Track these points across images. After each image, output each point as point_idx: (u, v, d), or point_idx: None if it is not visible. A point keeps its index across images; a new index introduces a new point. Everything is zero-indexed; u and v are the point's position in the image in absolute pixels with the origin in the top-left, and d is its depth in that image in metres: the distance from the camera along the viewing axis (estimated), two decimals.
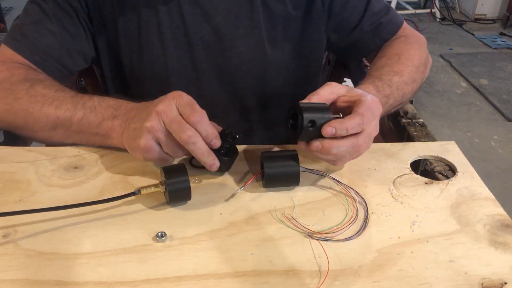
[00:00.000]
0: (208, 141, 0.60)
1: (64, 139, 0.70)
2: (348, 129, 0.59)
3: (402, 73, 0.77)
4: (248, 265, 0.53)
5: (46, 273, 0.51)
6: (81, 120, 0.67)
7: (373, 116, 0.62)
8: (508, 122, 2.54)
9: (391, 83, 0.75)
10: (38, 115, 0.68)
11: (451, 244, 0.57)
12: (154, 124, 0.59)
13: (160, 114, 0.59)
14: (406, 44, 0.85)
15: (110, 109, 0.67)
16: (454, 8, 4.28)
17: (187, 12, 0.78)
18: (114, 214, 0.60)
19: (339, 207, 0.62)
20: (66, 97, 0.69)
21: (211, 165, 0.61)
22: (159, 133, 0.60)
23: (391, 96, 0.74)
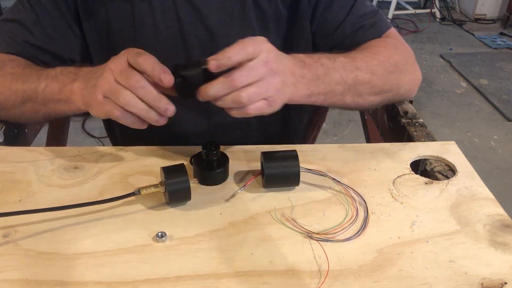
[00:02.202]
0: (156, 76, 0.57)
1: (35, 113, 0.72)
2: (231, 56, 0.58)
3: (354, 58, 0.74)
4: (248, 265, 0.53)
5: (46, 273, 0.51)
6: (44, 90, 0.68)
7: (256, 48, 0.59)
8: (508, 122, 2.53)
9: (334, 59, 0.71)
10: (7, 92, 0.70)
11: (451, 244, 0.57)
12: (105, 77, 0.59)
13: (111, 69, 0.59)
14: (381, 43, 0.81)
15: (70, 74, 0.68)
16: (454, 8, 4.28)
17: (182, 12, 0.78)
18: (114, 214, 0.60)
19: (339, 207, 0.62)
20: (32, 72, 0.71)
21: (165, 110, 0.59)
22: (110, 85, 0.58)
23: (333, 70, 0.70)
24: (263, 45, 0.61)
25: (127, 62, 0.59)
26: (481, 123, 2.52)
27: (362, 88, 0.73)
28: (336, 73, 0.70)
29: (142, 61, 0.58)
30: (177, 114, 0.85)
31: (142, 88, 0.57)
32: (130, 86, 0.57)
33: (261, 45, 0.61)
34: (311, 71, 0.68)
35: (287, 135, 0.96)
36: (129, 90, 0.58)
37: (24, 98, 0.70)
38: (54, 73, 0.69)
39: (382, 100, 0.78)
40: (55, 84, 0.68)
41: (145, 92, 0.58)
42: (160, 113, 0.59)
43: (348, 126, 2.45)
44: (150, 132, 0.86)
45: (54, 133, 1.07)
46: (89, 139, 2.26)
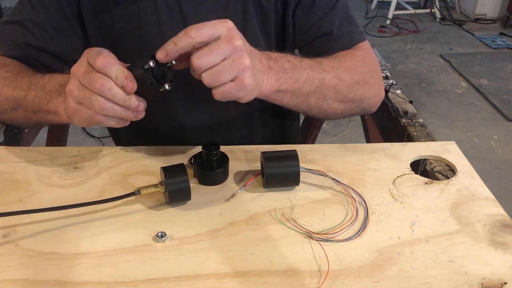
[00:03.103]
0: (119, 83, 0.55)
1: (26, 120, 0.72)
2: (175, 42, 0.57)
3: (321, 62, 0.74)
4: (248, 265, 0.53)
5: (46, 273, 0.51)
6: (33, 100, 0.68)
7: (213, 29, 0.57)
8: (508, 122, 2.53)
9: (300, 59, 0.71)
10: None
11: (451, 244, 0.57)
12: (72, 83, 0.58)
13: (74, 73, 0.58)
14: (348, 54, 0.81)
15: (57, 86, 0.67)
16: (454, 8, 4.28)
17: (186, 10, 0.78)
18: (114, 214, 0.60)
19: (339, 207, 0.62)
20: (24, 79, 0.70)
21: (137, 107, 0.57)
22: (78, 91, 0.57)
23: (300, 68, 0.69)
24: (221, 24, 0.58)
25: (88, 63, 0.57)
26: (481, 123, 2.52)
27: (327, 92, 0.73)
28: (303, 71, 0.70)
29: (103, 65, 0.55)
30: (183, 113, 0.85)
31: (109, 91, 0.55)
32: (97, 90, 0.55)
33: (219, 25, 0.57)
34: (277, 64, 0.67)
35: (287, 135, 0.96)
36: (98, 94, 0.56)
37: (15, 104, 0.70)
38: (42, 81, 0.68)
39: (344, 109, 0.77)
40: (43, 95, 0.67)
41: (113, 93, 0.56)
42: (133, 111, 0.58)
43: (348, 126, 2.45)
44: (153, 131, 0.86)
45: (54, 133, 1.07)
46: (89, 139, 2.26)
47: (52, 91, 0.67)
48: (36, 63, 0.77)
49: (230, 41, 0.57)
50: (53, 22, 0.77)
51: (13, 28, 0.77)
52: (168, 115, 0.84)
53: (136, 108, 0.57)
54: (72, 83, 0.58)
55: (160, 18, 0.77)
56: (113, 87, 0.55)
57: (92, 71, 0.56)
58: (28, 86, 0.69)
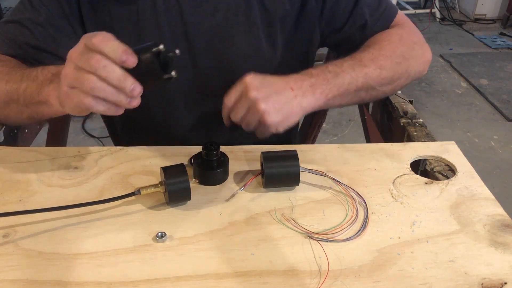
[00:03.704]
0: (117, 57, 0.53)
1: (19, 114, 0.70)
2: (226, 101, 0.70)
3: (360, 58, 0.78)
4: (248, 265, 0.53)
5: (46, 273, 0.51)
6: (25, 91, 0.66)
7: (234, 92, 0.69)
8: (508, 122, 2.53)
9: (340, 64, 0.77)
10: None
11: (451, 244, 0.57)
12: (67, 67, 0.55)
13: (70, 57, 0.55)
14: (383, 36, 0.85)
15: (49, 75, 0.65)
16: (454, 8, 4.28)
17: (186, 11, 0.78)
18: (114, 214, 0.60)
19: (339, 207, 0.62)
20: (17, 72, 0.69)
21: (131, 90, 0.54)
22: (72, 73, 0.54)
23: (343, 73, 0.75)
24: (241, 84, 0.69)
25: (85, 46, 0.54)
26: (481, 123, 2.52)
27: (373, 82, 0.78)
28: (346, 75, 0.75)
29: (99, 42, 0.53)
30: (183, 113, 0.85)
31: (104, 68, 0.52)
32: (92, 67, 0.52)
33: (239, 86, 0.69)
34: (319, 79, 0.73)
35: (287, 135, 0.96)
36: (92, 73, 0.53)
37: (7, 99, 0.68)
38: (35, 73, 0.67)
39: (394, 87, 0.83)
40: (34, 85, 0.65)
41: (108, 71, 0.53)
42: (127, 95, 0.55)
43: (348, 126, 2.45)
44: (153, 131, 0.86)
45: (54, 133, 1.07)
46: (89, 139, 2.26)
47: (43, 80, 0.65)
48: (36, 63, 0.77)
49: (246, 95, 0.67)
50: (53, 21, 0.76)
51: (13, 28, 0.76)
52: (168, 115, 0.84)
53: (131, 91, 0.54)
54: (67, 66, 0.56)
55: (159, 20, 0.77)
56: (108, 64, 0.53)
57: (87, 51, 0.53)
58: (21, 78, 0.68)
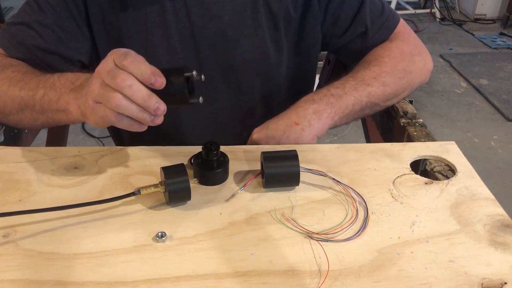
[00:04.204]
0: (145, 79, 0.54)
1: (33, 121, 0.70)
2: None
3: (363, 77, 0.80)
4: (248, 265, 0.53)
5: (46, 273, 0.51)
6: (42, 98, 0.66)
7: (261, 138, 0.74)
8: (508, 122, 2.53)
9: (343, 86, 0.78)
10: (4, 97, 0.69)
11: (451, 244, 0.57)
12: (94, 82, 0.56)
13: (99, 72, 0.56)
14: (383, 52, 0.85)
15: (68, 83, 0.66)
16: (454, 8, 4.28)
17: (193, 13, 0.78)
18: (114, 214, 0.60)
19: (339, 207, 0.62)
20: (32, 78, 0.69)
21: (155, 109, 0.55)
22: (99, 89, 0.56)
23: (346, 96, 0.77)
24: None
25: (114, 63, 0.56)
26: (481, 123, 2.52)
27: (378, 100, 0.80)
28: (349, 96, 0.77)
29: (129, 63, 0.54)
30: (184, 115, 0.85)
31: (129, 87, 0.54)
32: (117, 86, 0.54)
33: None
34: (321, 104, 0.75)
35: None
36: (118, 91, 0.55)
37: (22, 105, 0.68)
38: (52, 80, 0.67)
39: (398, 99, 0.85)
40: (52, 93, 0.66)
41: (133, 90, 0.54)
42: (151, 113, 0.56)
43: (348, 126, 2.45)
44: (157, 133, 0.86)
45: (54, 133, 1.07)
46: (89, 139, 2.26)
47: (62, 88, 0.65)
48: (44, 65, 0.77)
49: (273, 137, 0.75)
50: (60, 23, 0.76)
51: (21, 30, 0.76)
52: (173, 116, 0.84)
53: (155, 110, 0.55)
54: (94, 82, 0.57)
55: (167, 21, 0.77)
56: (135, 84, 0.54)
57: (115, 69, 0.55)
58: (37, 85, 0.67)
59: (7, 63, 0.73)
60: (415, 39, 0.90)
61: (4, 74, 0.70)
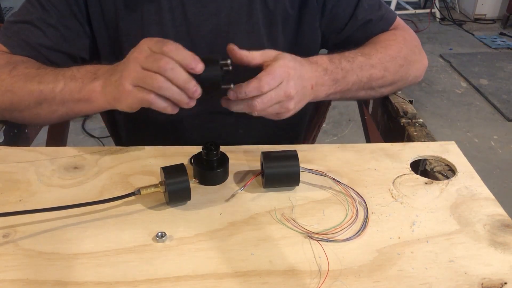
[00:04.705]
0: (187, 64, 0.59)
1: (51, 114, 0.71)
2: (247, 93, 0.64)
3: (370, 55, 0.79)
4: (248, 265, 0.53)
5: (46, 273, 0.51)
6: (63, 90, 0.68)
7: (275, 80, 0.64)
8: (508, 122, 2.53)
9: (352, 60, 0.77)
10: (21, 92, 0.69)
11: (451, 244, 0.57)
12: (131, 67, 0.60)
13: (135, 58, 0.60)
14: (389, 36, 0.86)
15: (89, 74, 0.68)
16: (454, 8, 4.28)
17: (190, 11, 0.78)
18: (114, 214, 0.60)
19: (339, 207, 0.62)
20: (48, 72, 0.70)
21: (193, 92, 0.60)
22: (138, 73, 0.59)
23: (351, 72, 0.76)
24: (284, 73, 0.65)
25: (151, 50, 0.60)
26: (481, 123, 2.52)
27: (375, 83, 0.80)
28: (353, 74, 0.76)
29: (170, 49, 0.59)
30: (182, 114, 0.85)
31: (172, 70, 0.58)
32: (160, 68, 0.58)
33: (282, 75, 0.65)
34: (331, 77, 0.74)
35: (287, 135, 0.96)
36: (159, 74, 0.58)
37: (40, 98, 0.69)
38: (71, 72, 0.69)
39: (392, 89, 0.85)
40: (73, 83, 0.67)
41: (175, 73, 0.58)
42: (189, 96, 0.60)
43: (348, 126, 2.45)
44: (155, 132, 0.86)
45: (54, 133, 1.07)
46: (89, 139, 2.26)
47: (83, 78, 0.67)
48: (49, 63, 0.77)
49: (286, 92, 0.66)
50: (63, 21, 0.77)
51: (25, 28, 0.76)
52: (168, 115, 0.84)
53: (193, 93, 0.60)
54: (132, 67, 0.60)
55: (163, 18, 0.78)
56: (176, 67, 0.58)
57: (156, 54, 0.59)
58: (55, 77, 0.69)
59: (18, 60, 0.74)
60: (414, 33, 0.91)
61: (17, 70, 0.71)
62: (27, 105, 0.70)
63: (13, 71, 0.71)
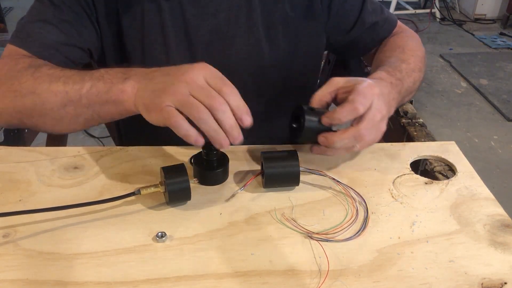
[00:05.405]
0: (239, 115, 0.58)
1: (75, 118, 0.67)
2: (341, 118, 0.62)
3: (408, 61, 0.79)
4: (248, 265, 0.53)
5: (46, 273, 0.51)
6: (90, 90, 0.64)
7: (367, 99, 0.62)
8: (508, 122, 2.53)
9: (401, 69, 0.76)
10: (46, 94, 0.66)
11: (451, 244, 0.57)
12: (179, 89, 0.57)
13: (187, 82, 0.57)
14: (406, 38, 0.87)
15: (119, 74, 0.65)
16: (454, 8, 4.28)
17: (188, 12, 0.78)
18: (114, 214, 0.60)
19: (339, 207, 0.62)
20: (73, 73, 0.67)
21: (235, 139, 0.58)
22: (183, 97, 0.57)
23: (404, 80, 0.75)
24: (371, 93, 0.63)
25: (206, 81, 0.58)
26: (481, 123, 2.52)
27: (416, 86, 0.79)
28: (406, 82, 0.76)
29: (229, 93, 0.57)
30: None
31: (223, 113, 0.56)
32: (212, 106, 0.56)
33: (369, 96, 0.63)
34: (396, 89, 0.72)
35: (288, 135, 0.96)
36: (207, 108, 0.56)
37: (65, 100, 0.65)
38: (99, 73, 0.66)
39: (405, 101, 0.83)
40: (101, 84, 0.64)
41: (225, 117, 0.57)
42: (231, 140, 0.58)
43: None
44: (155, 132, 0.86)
45: None
46: (89, 139, 2.26)
47: (113, 79, 0.64)
48: (66, 61, 0.76)
49: (379, 111, 0.63)
50: (74, 15, 0.76)
51: (39, 27, 0.75)
52: None
53: (235, 139, 0.58)
54: (179, 88, 0.57)
55: (163, 19, 0.78)
56: (228, 111, 0.57)
57: (211, 90, 0.57)
58: (82, 78, 0.66)
59: (40, 63, 0.71)
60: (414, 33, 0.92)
61: (40, 72, 0.68)
62: (50, 107, 0.66)
63: (35, 73, 0.68)
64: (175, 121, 0.57)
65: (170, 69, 0.61)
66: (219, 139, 0.58)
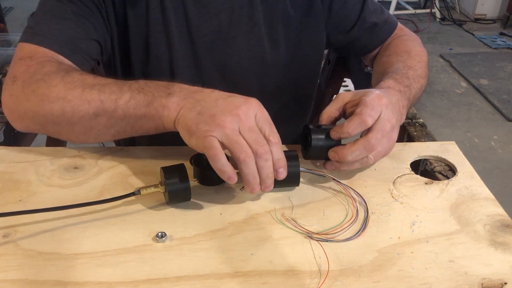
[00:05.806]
0: (277, 167, 0.58)
1: (106, 128, 0.64)
2: (350, 132, 0.61)
3: (415, 67, 0.79)
4: (248, 265, 0.53)
5: (46, 273, 0.51)
6: (128, 102, 0.61)
7: (375, 110, 0.62)
8: (508, 122, 2.53)
9: (408, 76, 0.76)
10: (77, 101, 0.62)
11: (451, 244, 0.57)
12: (229, 122, 0.56)
13: (240, 117, 0.56)
14: (409, 42, 0.87)
15: (161, 88, 0.62)
16: (454, 8, 4.28)
17: (190, 11, 0.79)
18: (114, 214, 0.60)
19: (339, 207, 0.62)
20: (109, 81, 0.64)
21: (267, 187, 0.58)
22: (232, 134, 0.55)
23: (412, 87, 0.75)
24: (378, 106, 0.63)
25: (257, 123, 0.57)
26: (481, 123, 2.52)
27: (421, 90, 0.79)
28: (413, 88, 0.75)
29: (275, 144, 0.58)
30: None
31: (266, 161, 0.56)
32: (257, 152, 0.56)
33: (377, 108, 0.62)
34: (405, 97, 0.72)
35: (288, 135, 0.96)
36: (251, 152, 0.56)
37: (99, 109, 0.62)
38: (138, 85, 0.62)
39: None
40: (141, 96, 0.61)
41: (266, 165, 0.56)
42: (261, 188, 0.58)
43: None
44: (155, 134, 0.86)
45: None
46: None
47: (155, 92, 0.61)
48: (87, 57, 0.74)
49: (389, 121, 0.63)
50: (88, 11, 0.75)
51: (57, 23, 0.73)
52: None
53: (266, 188, 0.58)
54: (229, 122, 0.56)
55: (167, 17, 0.78)
56: (270, 161, 0.57)
57: (260, 135, 0.57)
58: (120, 88, 0.62)
59: (70, 68, 0.68)
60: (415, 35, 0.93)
61: (72, 77, 0.64)
62: (81, 116, 0.62)
63: (66, 77, 0.64)
64: (215, 154, 0.55)
65: (221, 95, 0.59)
66: (253, 184, 0.57)
